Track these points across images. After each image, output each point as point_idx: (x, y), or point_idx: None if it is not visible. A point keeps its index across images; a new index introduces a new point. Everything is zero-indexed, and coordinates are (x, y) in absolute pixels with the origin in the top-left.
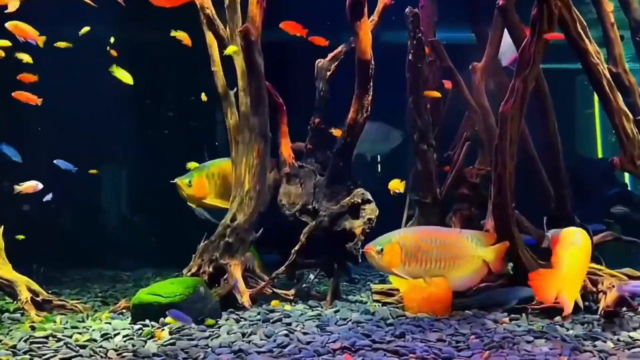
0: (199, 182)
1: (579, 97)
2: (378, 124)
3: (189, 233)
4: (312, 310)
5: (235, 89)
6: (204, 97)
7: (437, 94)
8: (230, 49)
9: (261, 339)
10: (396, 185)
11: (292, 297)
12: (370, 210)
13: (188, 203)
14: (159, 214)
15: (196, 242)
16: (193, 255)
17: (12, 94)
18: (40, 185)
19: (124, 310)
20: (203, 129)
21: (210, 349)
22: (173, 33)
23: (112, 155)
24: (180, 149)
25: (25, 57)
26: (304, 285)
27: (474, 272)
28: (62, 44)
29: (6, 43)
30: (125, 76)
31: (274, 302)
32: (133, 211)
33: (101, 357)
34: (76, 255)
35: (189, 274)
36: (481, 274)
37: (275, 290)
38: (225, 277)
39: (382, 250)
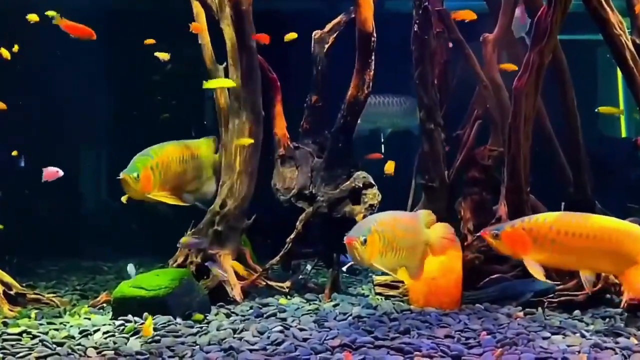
0: (145, 175)
1: (600, 71)
2: (404, 97)
3: (174, 220)
4: (310, 304)
5: (224, 64)
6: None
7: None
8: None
9: (254, 336)
10: (389, 168)
11: (287, 290)
12: (373, 195)
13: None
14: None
15: (182, 230)
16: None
17: None
18: (61, 172)
19: (104, 305)
20: (189, 107)
21: (198, 346)
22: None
23: (89, 136)
24: (164, 129)
25: None
26: (300, 277)
27: (422, 259)
28: (33, 17)
29: None
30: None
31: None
32: (113, 196)
33: (80, 355)
34: (51, 244)
35: (174, 265)
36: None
37: (269, 282)
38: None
39: (365, 241)
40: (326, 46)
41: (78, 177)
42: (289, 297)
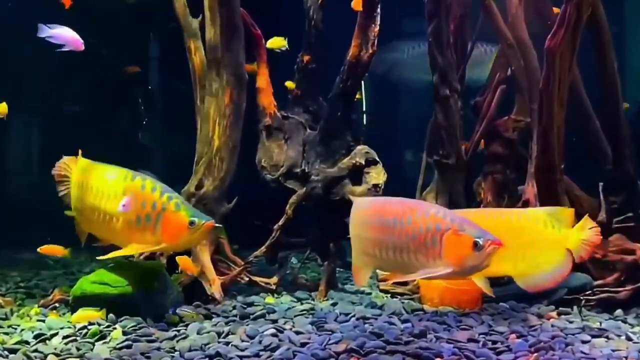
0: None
1: (629, 27)
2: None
3: None
4: (302, 304)
5: (200, 17)
6: None
7: None
8: None
9: (242, 340)
10: None
11: (274, 287)
12: (377, 174)
13: None
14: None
15: None
16: None
17: None
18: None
19: (57, 304)
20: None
21: (178, 352)
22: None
23: (20, 101)
24: (111, 94)
25: None
26: (287, 271)
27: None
28: None
29: None
30: None
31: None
32: (50, 175)
33: None
34: None
35: (142, 257)
36: None
37: (252, 277)
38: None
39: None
40: None
41: (5, 152)
42: (276, 295)
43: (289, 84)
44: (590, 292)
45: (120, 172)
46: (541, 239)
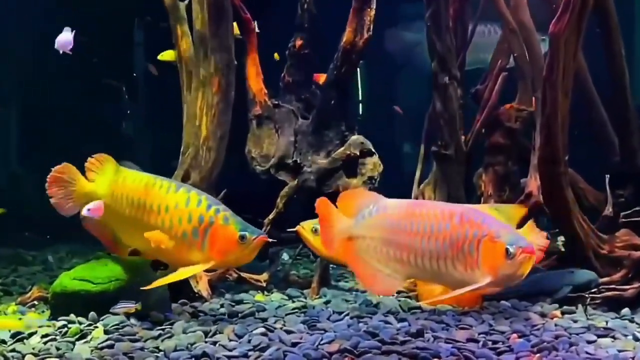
0: None
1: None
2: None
3: None
4: (293, 302)
5: (186, 0)
6: None
7: None
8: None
9: (230, 340)
10: None
11: (264, 284)
12: (373, 166)
13: None
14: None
15: None
16: None
17: None
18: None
19: (35, 302)
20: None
21: (162, 352)
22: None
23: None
24: (91, 82)
25: None
26: (278, 267)
27: None
28: None
29: None
30: None
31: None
32: (27, 166)
33: None
34: None
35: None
36: None
37: (241, 274)
38: None
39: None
40: None
41: None
42: (266, 292)
43: (276, 56)
44: (595, 289)
45: (163, 184)
46: None
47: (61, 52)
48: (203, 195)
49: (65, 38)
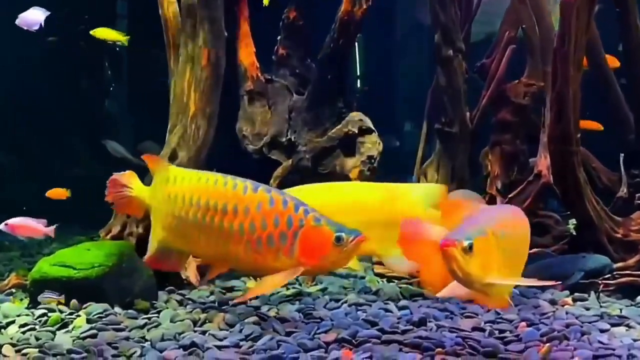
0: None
1: None
2: None
3: (98, 178)
4: (288, 289)
5: None
6: None
7: None
8: None
9: (221, 329)
10: None
11: None
12: (372, 144)
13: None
14: (46, 149)
15: None
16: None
17: None
18: None
19: (13, 290)
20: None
21: (149, 342)
22: None
23: None
24: (71, 58)
25: None
26: None
27: None
28: None
29: None
30: None
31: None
32: (4, 149)
33: None
34: None
35: (109, 236)
36: None
37: None
38: None
39: (471, 247)
40: None
41: None
42: (258, 279)
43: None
44: (609, 275)
45: (237, 183)
46: (404, 216)
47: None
48: (283, 193)
49: (32, 16)
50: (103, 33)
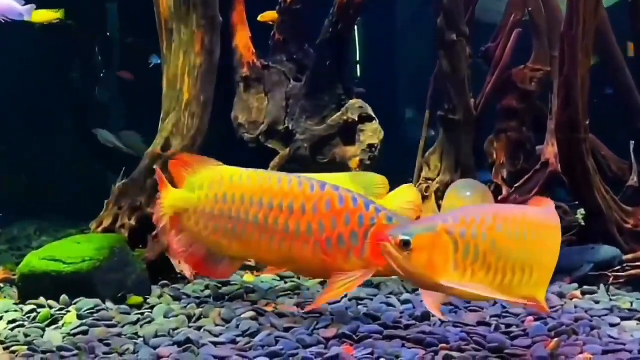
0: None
1: None
2: None
3: (88, 168)
4: (286, 282)
5: None
6: None
7: None
8: None
9: (217, 324)
10: None
11: (253, 263)
12: (372, 132)
13: None
14: (34, 140)
15: (100, 182)
16: (106, 202)
17: None
18: None
19: (1, 284)
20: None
21: (142, 338)
22: None
23: None
24: (62, 44)
25: None
26: None
27: None
28: None
29: None
30: None
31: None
32: None
33: None
34: None
35: (100, 229)
36: None
37: None
38: (154, 233)
39: (407, 244)
40: None
41: None
42: (255, 272)
43: None
44: (619, 267)
45: (301, 181)
46: None
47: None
48: (353, 192)
49: (6, 4)
50: (39, 17)
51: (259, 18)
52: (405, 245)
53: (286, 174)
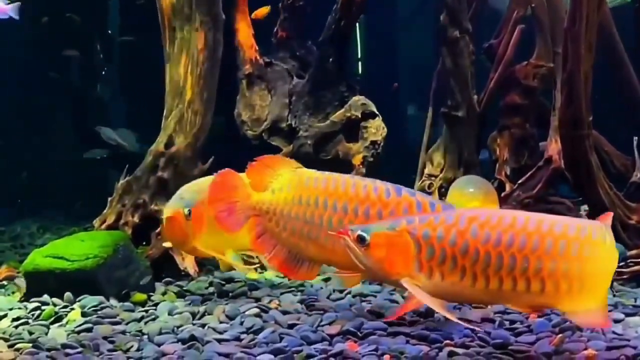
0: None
1: None
2: None
3: (91, 165)
4: (289, 279)
5: None
6: None
7: None
8: None
9: (221, 321)
10: None
11: (257, 260)
12: (376, 129)
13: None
14: (37, 138)
15: (102, 179)
16: (109, 199)
17: None
18: None
19: (5, 282)
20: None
21: (146, 336)
22: None
23: None
24: (60, 42)
25: None
26: None
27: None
28: None
29: None
30: None
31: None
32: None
33: None
34: None
35: (103, 226)
36: None
37: None
38: (158, 230)
39: (363, 239)
40: None
41: None
42: (259, 269)
43: None
44: (623, 263)
45: (377, 186)
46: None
47: None
48: (430, 197)
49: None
50: None
51: (252, 16)
52: (361, 240)
53: (362, 178)
